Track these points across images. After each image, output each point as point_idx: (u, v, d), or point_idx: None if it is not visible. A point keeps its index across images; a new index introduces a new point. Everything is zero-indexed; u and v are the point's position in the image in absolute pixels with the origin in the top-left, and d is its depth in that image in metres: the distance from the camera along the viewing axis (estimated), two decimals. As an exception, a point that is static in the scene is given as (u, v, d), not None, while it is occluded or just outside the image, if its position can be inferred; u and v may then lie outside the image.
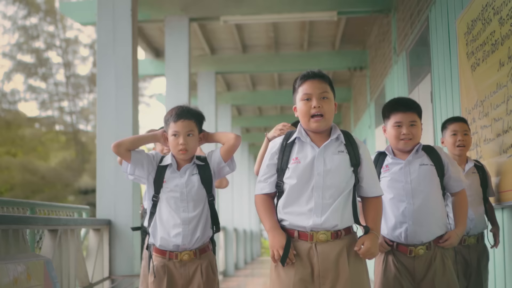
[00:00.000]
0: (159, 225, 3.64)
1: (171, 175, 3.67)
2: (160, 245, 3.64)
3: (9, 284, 3.49)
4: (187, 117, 3.66)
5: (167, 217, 3.62)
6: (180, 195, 3.63)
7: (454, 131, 4.62)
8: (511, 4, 4.30)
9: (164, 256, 3.64)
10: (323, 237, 3.13)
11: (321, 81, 3.30)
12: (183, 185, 3.64)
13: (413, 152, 3.80)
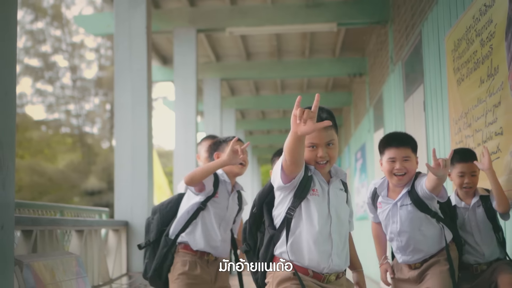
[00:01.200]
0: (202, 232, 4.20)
1: (222, 193, 4.24)
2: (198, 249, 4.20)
3: (49, 277, 4.02)
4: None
5: (210, 227, 4.19)
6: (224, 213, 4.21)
7: (462, 173, 4.41)
8: (490, 28, 4.81)
9: (195, 254, 4.17)
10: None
11: (327, 128, 3.24)
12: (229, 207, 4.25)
13: (403, 193, 4.11)
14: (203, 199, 4.16)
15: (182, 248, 4.19)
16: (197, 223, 4.17)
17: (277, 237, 3.24)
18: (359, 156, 14.45)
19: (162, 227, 4.34)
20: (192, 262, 4.15)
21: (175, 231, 4.23)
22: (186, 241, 4.19)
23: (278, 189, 3.20)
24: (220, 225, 4.20)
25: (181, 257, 4.17)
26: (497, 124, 4.65)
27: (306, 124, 2.86)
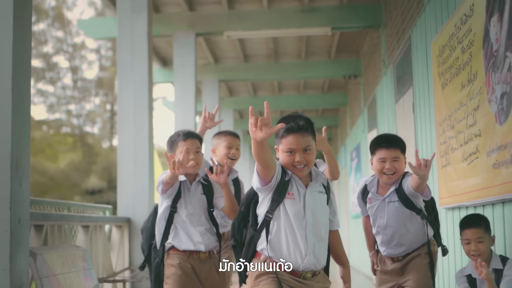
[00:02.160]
0: (184, 233, 4.47)
1: (184, 192, 4.47)
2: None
3: (59, 268, 4.35)
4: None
5: (187, 226, 4.47)
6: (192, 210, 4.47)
7: (467, 240, 4.38)
8: (470, 36, 5.15)
9: (184, 254, 4.32)
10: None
11: (304, 135, 3.42)
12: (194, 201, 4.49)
13: (391, 191, 4.43)
14: (171, 202, 4.32)
15: (171, 251, 4.35)
16: (175, 226, 4.34)
17: (257, 237, 3.49)
18: (354, 155, 14.76)
19: (150, 242, 4.52)
20: (182, 262, 4.29)
21: (159, 240, 4.39)
22: (172, 244, 4.34)
23: (258, 190, 3.47)
24: (193, 222, 4.35)
25: (171, 260, 4.32)
26: (476, 127, 4.99)
27: (262, 130, 3.07)
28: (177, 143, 4.32)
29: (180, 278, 4.23)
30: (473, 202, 5.11)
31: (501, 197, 4.43)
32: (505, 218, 4.56)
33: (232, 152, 5.29)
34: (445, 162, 5.97)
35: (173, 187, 4.24)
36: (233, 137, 5.36)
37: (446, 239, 6.11)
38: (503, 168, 4.39)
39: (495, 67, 4.54)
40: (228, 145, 5.30)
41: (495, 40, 4.55)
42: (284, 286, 3.37)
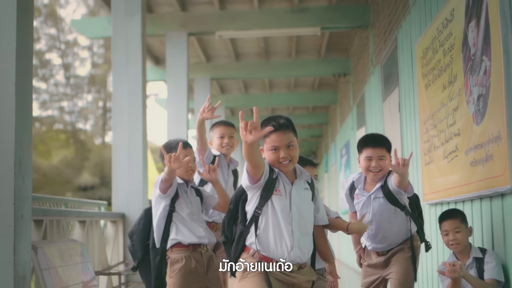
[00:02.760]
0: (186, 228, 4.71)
1: (182, 193, 4.72)
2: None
3: (58, 260, 4.58)
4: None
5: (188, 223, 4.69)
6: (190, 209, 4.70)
7: (446, 231, 4.63)
8: (450, 40, 5.38)
9: (188, 249, 4.56)
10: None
11: (286, 132, 3.65)
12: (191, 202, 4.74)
13: (377, 187, 4.67)
14: (169, 202, 4.55)
15: (174, 248, 4.57)
16: (175, 223, 4.56)
17: (247, 232, 3.71)
18: (344, 152, 14.99)
19: (144, 243, 4.70)
20: (187, 256, 4.52)
21: (159, 238, 4.59)
22: (177, 240, 4.56)
23: (247, 189, 3.70)
24: (194, 219, 4.62)
25: (176, 255, 4.54)
26: (456, 126, 5.23)
27: (251, 133, 3.30)
28: (174, 151, 4.49)
29: (185, 272, 4.47)
30: (453, 198, 5.34)
31: (478, 193, 4.66)
32: (483, 213, 4.80)
33: (225, 141, 5.50)
34: (428, 159, 6.21)
35: (172, 187, 4.48)
36: (225, 126, 5.56)
37: (429, 234, 6.35)
38: (479, 166, 4.63)
39: (472, 70, 4.79)
40: (220, 135, 5.52)
41: (472, 45, 4.79)
42: (271, 279, 3.60)
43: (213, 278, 4.64)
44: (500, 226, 4.42)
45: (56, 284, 4.35)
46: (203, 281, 4.56)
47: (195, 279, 4.50)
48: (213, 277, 4.65)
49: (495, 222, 4.53)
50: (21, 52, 3.90)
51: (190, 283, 4.45)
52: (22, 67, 3.88)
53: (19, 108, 3.85)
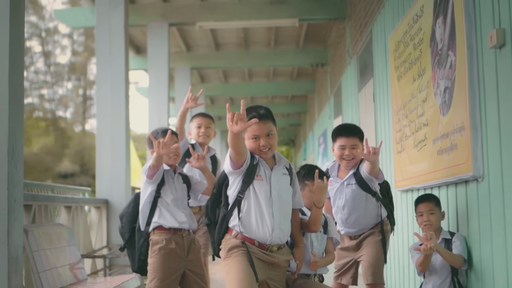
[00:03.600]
0: (169, 212, 4.95)
1: (168, 179, 4.97)
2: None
3: (47, 243, 4.81)
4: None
5: (172, 209, 4.91)
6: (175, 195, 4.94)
7: (420, 212, 4.83)
8: (420, 35, 5.66)
9: (169, 232, 4.81)
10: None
11: (266, 122, 3.89)
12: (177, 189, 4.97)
13: (349, 174, 4.95)
14: (155, 188, 4.82)
15: (156, 230, 4.82)
16: (160, 208, 4.83)
17: (230, 215, 3.99)
18: (322, 141, 15.28)
19: (132, 225, 4.99)
20: (168, 239, 4.77)
21: (143, 222, 4.87)
22: (158, 223, 4.82)
23: (229, 174, 3.96)
24: (178, 206, 4.87)
25: (157, 237, 4.79)
26: (424, 117, 5.51)
27: (237, 124, 3.58)
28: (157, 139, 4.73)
29: (165, 253, 4.71)
30: (422, 185, 5.63)
31: (444, 180, 4.95)
32: (449, 199, 5.09)
33: (201, 131, 5.81)
34: (400, 148, 6.49)
35: (158, 173, 4.73)
36: (202, 117, 5.88)
37: (400, 219, 6.66)
38: (445, 154, 4.92)
39: (439, 64, 5.07)
40: (198, 125, 5.83)
41: (439, 40, 5.07)
42: (253, 258, 3.87)
43: (194, 260, 4.88)
44: (464, 210, 4.72)
45: (45, 265, 4.59)
46: (183, 262, 4.79)
47: (175, 260, 4.74)
48: (194, 259, 4.89)
49: (460, 207, 4.82)
50: (14, 45, 4.12)
51: (169, 263, 4.69)
52: (15, 60, 4.11)
53: (12, 99, 4.08)
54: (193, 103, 5.61)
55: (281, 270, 4.08)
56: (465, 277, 4.66)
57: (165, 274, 4.64)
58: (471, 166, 4.35)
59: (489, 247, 4.25)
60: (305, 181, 4.35)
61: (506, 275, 3.99)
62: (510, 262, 3.92)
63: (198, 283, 4.85)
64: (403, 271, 6.64)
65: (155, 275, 4.64)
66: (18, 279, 4.09)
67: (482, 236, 4.37)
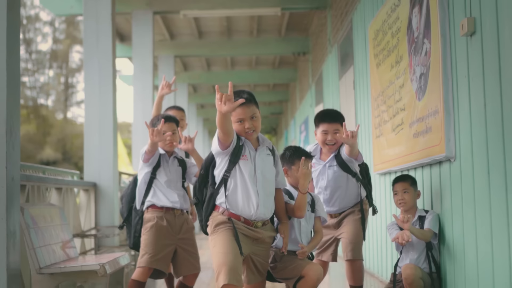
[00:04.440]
0: (162, 193, 5.20)
1: (163, 163, 5.23)
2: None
3: (42, 221, 5.03)
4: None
5: (165, 190, 5.19)
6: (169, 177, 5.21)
7: (395, 191, 5.17)
8: (397, 24, 5.92)
9: (161, 210, 5.09)
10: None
11: (250, 106, 4.13)
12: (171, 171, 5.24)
13: (331, 157, 5.20)
14: (151, 169, 5.10)
15: (150, 208, 5.11)
16: (154, 188, 5.12)
17: (216, 193, 4.24)
18: (303, 128, 15.53)
19: (130, 205, 5.31)
20: (159, 217, 5.05)
21: (139, 201, 5.17)
22: (151, 202, 5.10)
23: (217, 154, 4.21)
24: (171, 187, 5.14)
25: (150, 215, 5.08)
26: (402, 102, 5.78)
27: (226, 104, 3.79)
28: (157, 125, 5.00)
29: (156, 230, 4.98)
30: (399, 167, 5.91)
31: (420, 161, 5.22)
32: (424, 179, 5.37)
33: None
34: (379, 133, 6.77)
35: (154, 157, 5.01)
36: (176, 110, 6.14)
37: (379, 200, 6.95)
38: (420, 137, 5.19)
39: (415, 51, 5.33)
40: None
41: (416, 28, 5.33)
42: (238, 234, 4.13)
43: (186, 238, 5.16)
44: (438, 190, 5.00)
45: (40, 242, 4.80)
46: (174, 240, 5.05)
47: (166, 237, 5.00)
48: (186, 237, 5.16)
49: (434, 187, 5.10)
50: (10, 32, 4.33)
51: (160, 240, 4.94)
52: (11, 46, 4.32)
53: (10, 84, 4.29)
54: (168, 89, 5.91)
55: (265, 246, 4.34)
56: (438, 252, 4.95)
57: (155, 250, 4.89)
58: (444, 147, 4.63)
59: (460, 224, 4.53)
60: (290, 161, 4.61)
61: (475, 250, 4.28)
62: (479, 237, 4.20)
63: (190, 260, 5.11)
64: (381, 248, 6.94)
65: (146, 250, 4.88)
66: (16, 253, 4.31)
67: (454, 213, 4.66)
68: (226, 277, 3.95)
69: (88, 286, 4.74)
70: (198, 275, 5.27)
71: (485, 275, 4.11)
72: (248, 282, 4.37)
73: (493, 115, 3.91)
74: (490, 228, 4.02)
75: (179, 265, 5.11)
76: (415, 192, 5.17)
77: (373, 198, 5.48)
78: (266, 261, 4.40)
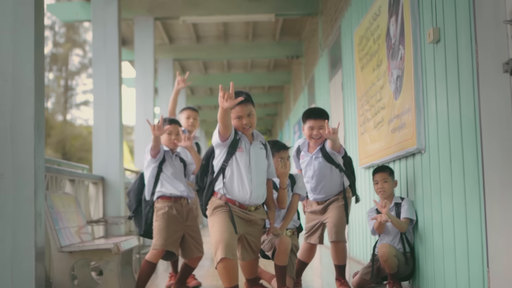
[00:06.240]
0: (170, 184, 5.83)
1: (168, 158, 5.87)
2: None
3: (61, 206, 5.67)
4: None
5: (172, 181, 5.84)
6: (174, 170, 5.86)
7: (376, 181, 5.80)
8: (378, 31, 6.56)
9: (171, 200, 5.73)
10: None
11: (247, 104, 4.81)
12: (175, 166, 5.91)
13: (317, 149, 5.81)
14: (157, 164, 5.73)
15: (160, 199, 5.74)
16: (162, 180, 5.75)
17: (215, 180, 4.91)
18: (297, 129, 16.07)
19: (138, 198, 5.91)
20: (170, 206, 5.68)
21: (149, 192, 5.79)
22: (162, 193, 5.72)
23: (217, 146, 4.88)
24: (177, 177, 5.80)
25: (161, 204, 5.70)
26: (382, 101, 6.42)
27: (227, 101, 4.48)
28: (164, 126, 5.69)
29: (167, 217, 5.61)
30: (380, 160, 6.53)
31: (397, 154, 5.85)
32: (401, 170, 6.00)
33: (190, 121, 6.69)
34: (363, 130, 7.40)
35: (160, 153, 5.66)
36: (191, 110, 6.78)
37: (364, 192, 7.58)
38: (397, 132, 5.84)
39: (393, 56, 5.98)
40: (187, 116, 6.73)
41: (393, 35, 5.98)
42: (234, 216, 4.78)
43: (192, 225, 5.81)
44: (412, 179, 5.63)
45: (60, 224, 5.45)
46: (183, 227, 5.70)
47: (176, 224, 5.64)
48: (192, 225, 5.82)
49: (409, 177, 5.74)
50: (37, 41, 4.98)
51: (171, 226, 5.57)
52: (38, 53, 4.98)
53: (37, 85, 4.94)
54: (183, 83, 6.56)
55: (257, 227, 5.03)
56: (412, 235, 5.60)
57: (168, 234, 5.53)
58: (416, 140, 5.26)
59: (429, 209, 5.16)
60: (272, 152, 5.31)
61: (441, 233, 4.89)
62: (444, 221, 4.81)
63: (195, 244, 5.76)
64: (367, 237, 7.57)
65: (160, 234, 5.52)
66: (41, 233, 4.95)
67: (425, 199, 5.29)
68: (223, 252, 4.61)
69: (103, 263, 5.34)
70: (201, 258, 5.88)
71: (449, 252, 4.72)
72: (242, 259, 5.08)
73: (454, 112, 4.54)
74: (452, 211, 4.62)
75: (186, 248, 5.74)
76: (393, 181, 5.81)
77: (357, 188, 6.11)
78: (259, 240, 5.09)
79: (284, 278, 5.17)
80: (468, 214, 4.31)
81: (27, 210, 4.79)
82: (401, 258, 5.50)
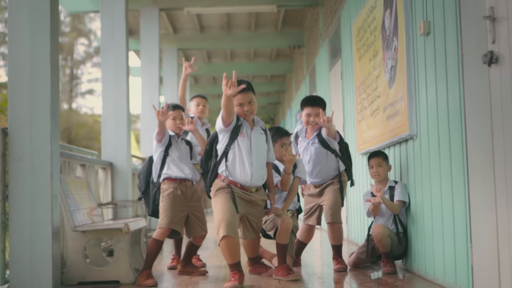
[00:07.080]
0: (175, 166, 6.08)
1: (174, 143, 6.12)
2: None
3: (74, 189, 6.02)
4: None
5: (178, 164, 6.08)
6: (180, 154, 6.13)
7: (371, 165, 6.09)
8: (374, 23, 6.88)
9: (176, 182, 5.97)
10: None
11: (248, 92, 5.15)
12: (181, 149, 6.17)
13: (313, 135, 6.14)
14: (164, 148, 5.99)
15: (166, 180, 5.99)
16: (168, 163, 6.01)
17: (219, 164, 5.27)
18: (299, 117, 16.37)
19: (147, 180, 6.21)
20: (175, 187, 5.92)
21: (156, 175, 6.06)
22: (167, 175, 5.98)
23: (220, 132, 5.22)
24: (183, 161, 6.06)
25: (166, 186, 5.95)
26: (378, 90, 6.74)
27: (230, 89, 4.82)
28: (168, 111, 5.97)
29: (173, 197, 5.88)
30: (375, 146, 6.85)
31: (391, 140, 6.17)
32: (395, 155, 6.32)
33: (200, 108, 7.02)
34: (360, 118, 7.72)
35: (166, 137, 5.93)
36: (200, 98, 7.11)
37: (361, 177, 7.91)
38: (391, 119, 6.16)
39: (387, 47, 6.30)
40: (197, 103, 7.06)
41: (387, 28, 6.30)
42: (236, 197, 5.12)
43: (196, 206, 6.10)
44: (405, 164, 5.97)
45: (74, 206, 5.79)
46: (187, 207, 6.01)
47: (181, 204, 5.93)
48: (196, 205, 6.11)
49: (402, 161, 6.06)
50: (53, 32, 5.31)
51: (176, 206, 5.88)
52: (53, 44, 5.31)
53: (53, 75, 5.28)
54: (190, 69, 6.89)
55: (258, 208, 5.38)
56: (405, 216, 5.94)
57: (173, 213, 5.84)
58: (408, 127, 5.59)
59: (420, 193, 5.48)
60: (273, 139, 5.67)
61: (430, 213, 5.22)
62: (433, 203, 5.13)
63: (199, 224, 6.06)
64: (361, 216, 7.91)
65: (166, 214, 5.84)
66: (57, 213, 5.29)
67: (416, 183, 5.61)
68: (225, 230, 4.97)
69: (113, 242, 5.67)
70: (205, 237, 6.22)
71: (437, 231, 5.05)
72: (244, 238, 5.45)
73: (442, 100, 4.87)
74: (440, 193, 4.95)
75: (191, 227, 6.06)
76: (387, 166, 6.14)
77: (353, 173, 6.44)
78: (260, 220, 5.45)
79: (284, 256, 5.53)
80: (454, 195, 4.63)
81: (44, 192, 5.13)
82: (394, 238, 5.83)
